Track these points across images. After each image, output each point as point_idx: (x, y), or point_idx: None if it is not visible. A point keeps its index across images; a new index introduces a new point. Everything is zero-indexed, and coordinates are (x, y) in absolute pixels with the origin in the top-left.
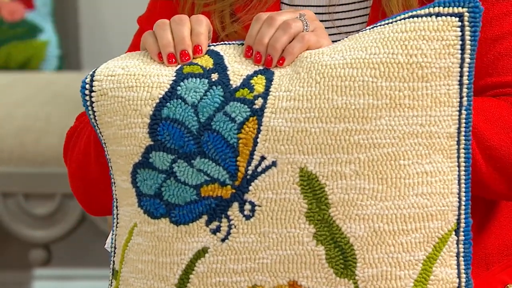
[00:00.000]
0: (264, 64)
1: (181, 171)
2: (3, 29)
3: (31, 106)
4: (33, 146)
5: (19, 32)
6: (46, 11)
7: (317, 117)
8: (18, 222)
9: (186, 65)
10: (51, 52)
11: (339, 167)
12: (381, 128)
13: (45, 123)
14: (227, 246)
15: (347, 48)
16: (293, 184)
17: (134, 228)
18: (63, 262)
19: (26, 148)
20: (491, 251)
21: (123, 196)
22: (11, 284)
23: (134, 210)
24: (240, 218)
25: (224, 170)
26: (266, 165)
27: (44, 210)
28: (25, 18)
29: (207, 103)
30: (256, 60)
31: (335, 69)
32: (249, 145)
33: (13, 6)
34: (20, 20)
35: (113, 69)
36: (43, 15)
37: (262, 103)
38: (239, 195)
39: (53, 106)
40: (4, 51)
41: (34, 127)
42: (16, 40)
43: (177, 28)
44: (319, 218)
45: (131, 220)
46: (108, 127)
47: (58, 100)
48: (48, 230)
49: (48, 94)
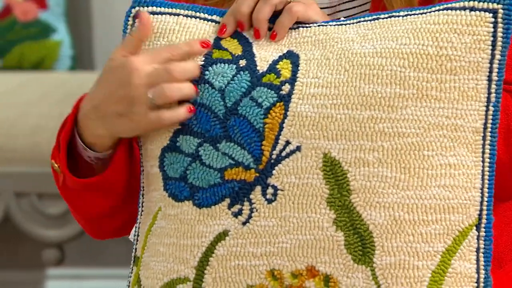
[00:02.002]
0: (254, 36)
1: (206, 154)
2: (17, 29)
3: (44, 106)
4: (46, 146)
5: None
6: (59, 11)
7: (344, 104)
8: (31, 221)
9: (216, 50)
10: (64, 52)
11: (363, 154)
12: (406, 118)
13: (58, 122)
14: (247, 229)
15: (377, 37)
16: (316, 169)
17: (158, 212)
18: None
19: (39, 148)
20: (503, 249)
21: (150, 182)
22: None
23: (159, 195)
24: (262, 202)
25: (248, 154)
26: (290, 149)
27: (57, 209)
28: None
29: (234, 88)
30: (240, 28)
31: (365, 57)
32: (274, 130)
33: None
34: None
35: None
36: (56, 15)
37: (289, 89)
38: (262, 179)
39: (66, 106)
40: (17, 51)
41: (47, 126)
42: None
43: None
44: (340, 204)
45: (156, 204)
46: None
47: (71, 100)
48: (61, 229)
49: (61, 94)
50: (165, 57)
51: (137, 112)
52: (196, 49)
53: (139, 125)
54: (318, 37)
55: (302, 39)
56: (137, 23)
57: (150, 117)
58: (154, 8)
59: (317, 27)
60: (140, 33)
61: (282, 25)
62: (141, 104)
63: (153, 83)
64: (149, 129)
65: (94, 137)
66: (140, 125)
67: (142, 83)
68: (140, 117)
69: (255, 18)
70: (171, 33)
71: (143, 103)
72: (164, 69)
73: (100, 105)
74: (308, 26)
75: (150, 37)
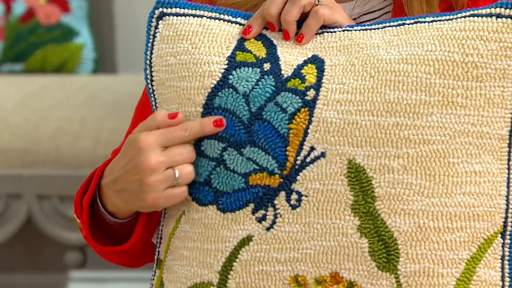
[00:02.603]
0: (284, 38)
1: (231, 159)
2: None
3: (66, 109)
4: (68, 149)
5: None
6: (82, 14)
7: (369, 110)
8: (53, 224)
9: (239, 52)
10: (87, 55)
11: (387, 160)
12: (431, 125)
13: (80, 126)
14: (271, 235)
15: (403, 43)
16: (340, 175)
17: (182, 216)
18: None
19: (61, 151)
20: None
21: None
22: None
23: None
24: (286, 208)
25: (273, 159)
26: (315, 155)
27: None
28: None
29: (259, 93)
30: (272, 29)
31: (390, 64)
32: (299, 135)
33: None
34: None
35: (165, 57)
36: (78, 18)
37: (315, 94)
38: (286, 184)
39: (88, 109)
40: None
41: (69, 130)
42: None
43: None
44: (364, 210)
45: (179, 208)
46: None
47: (93, 103)
48: None
49: (83, 97)
50: (178, 137)
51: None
52: (208, 130)
53: (155, 205)
54: (343, 42)
55: (327, 44)
56: (168, 117)
57: (168, 194)
58: (178, 10)
59: (342, 32)
60: (163, 124)
61: (309, 28)
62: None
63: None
64: (166, 205)
65: (115, 207)
66: (156, 204)
67: (152, 167)
68: (155, 198)
69: (284, 20)
70: (194, 35)
71: (156, 186)
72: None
73: (118, 179)
74: (333, 31)
75: (173, 39)
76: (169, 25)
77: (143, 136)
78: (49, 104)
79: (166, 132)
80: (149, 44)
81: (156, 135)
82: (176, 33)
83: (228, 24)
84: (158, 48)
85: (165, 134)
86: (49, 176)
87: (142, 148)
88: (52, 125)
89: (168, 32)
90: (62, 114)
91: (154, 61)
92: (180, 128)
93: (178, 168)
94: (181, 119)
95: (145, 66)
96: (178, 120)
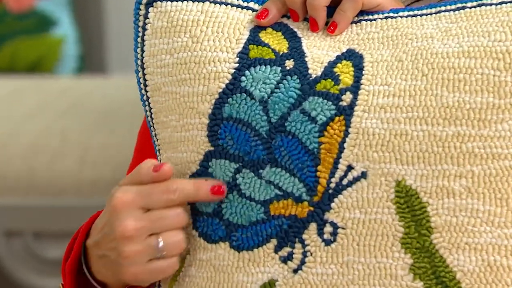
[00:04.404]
0: (311, 29)
1: (246, 183)
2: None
3: (42, 119)
4: (45, 171)
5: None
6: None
7: (422, 118)
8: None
9: (254, 45)
10: (68, 51)
11: (447, 181)
12: (502, 135)
13: (61, 141)
14: (300, 278)
15: (464, 32)
16: (386, 201)
17: (186, 256)
18: None
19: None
20: None
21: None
22: None
23: (187, 234)
24: (318, 244)
25: (300, 182)
26: (353, 176)
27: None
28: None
29: (280, 98)
30: (294, 19)
31: (448, 58)
32: (333, 151)
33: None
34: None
35: (160, 56)
36: (58, 3)
37: (352, 99)
38: (318, 214)
39: (70, 120)
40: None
41: (47, 146)
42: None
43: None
44: (418, 245)
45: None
46: (164, 128)
47: (77, 111)
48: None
49: (64, 104)
50: (163, 201)
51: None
52: (202, 196)
53: (136, 280)
54: (387, 32)
55: (366, 35)
56: (153, 170)
57: (151, 269)
58: None
59: (385, 20)
60: (146, 179)
61: (344, 14)
62: (132, 258)
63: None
64: (151, 280)
65: (102, 276)
66: (138, 279)
67: (128, 235)
68: (135, 272)
69: (311, 5)
70: (195, 25)
71: (135, 258)
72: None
73: (99, 243)
74: (373, 18)
75: (168, 32)
76: (161, 13)
77: (120, 194)
78: (21, 114)
79: (147, 192)
80: (138, 39)
81: (136, 194)
82: (172, 24)
83: (237, 9)
84: (150, 44)
85: (146, 195)
86: (21, 207)
87: (117, 209)
88: (25, 140)
89: (161, 22)
90: (37, 127)
91: (147, 61)
92: (166, 189)
93: (163, 235)
94: (167, 173)
95: (136, 67)
96: (163, 174)
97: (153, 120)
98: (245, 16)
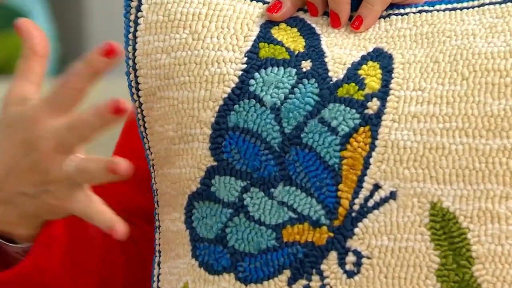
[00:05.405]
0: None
1: (255, 204)
2: None
3: None
4: None
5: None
6: None
7: (461, 129)
8: None
9: (265, 43)
10: None
11: (490, 204)
12: None
13: None
14: None
15: (511, 28)
16: (419, 226)
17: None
18: None
19: None
20: None
21: (171, 244)
22: None
23: (186, 264)
24: (339, 276)
25: (318, 203)
26: (381, 197)
27: None
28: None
29: (295, 105)
30: (313, 13)
31: (493, 59)
32: (357, 167)
33: None
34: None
35: (154, 55)
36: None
37: (379, 106)
38: (339, 241)
39: None
40: None
41: None
42: None
43: None
44: (457, 279)
45: (180, 279)
46: (159, 139)
47: None
48: None
49: None
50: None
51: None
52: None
53: (64, 208)
54: (420, 29)
55: (397, 32)
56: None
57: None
58: None
59: (418, 14)
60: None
61: (372, 8)
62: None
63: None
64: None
65: (5, 224)
66: (65, 207)
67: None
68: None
69: None
70: (196, 19)
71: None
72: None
73: (3, 184)
74: (404, 12)
75: (165, 27)
76: (157, 5)
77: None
78: None
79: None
80: (129, 35)
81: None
82: (169, 18)
83: (246, 1)
84: (144, 41)
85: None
86: None
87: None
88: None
89: (156, 16)
90: None
91: (139, 61)
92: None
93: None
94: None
95: (127, 68)
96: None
97: (146, 130)
98: (254, 9)
